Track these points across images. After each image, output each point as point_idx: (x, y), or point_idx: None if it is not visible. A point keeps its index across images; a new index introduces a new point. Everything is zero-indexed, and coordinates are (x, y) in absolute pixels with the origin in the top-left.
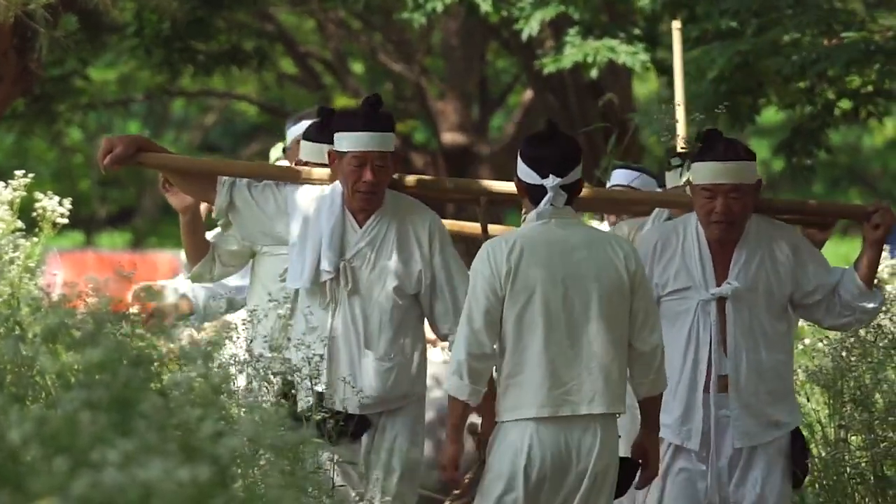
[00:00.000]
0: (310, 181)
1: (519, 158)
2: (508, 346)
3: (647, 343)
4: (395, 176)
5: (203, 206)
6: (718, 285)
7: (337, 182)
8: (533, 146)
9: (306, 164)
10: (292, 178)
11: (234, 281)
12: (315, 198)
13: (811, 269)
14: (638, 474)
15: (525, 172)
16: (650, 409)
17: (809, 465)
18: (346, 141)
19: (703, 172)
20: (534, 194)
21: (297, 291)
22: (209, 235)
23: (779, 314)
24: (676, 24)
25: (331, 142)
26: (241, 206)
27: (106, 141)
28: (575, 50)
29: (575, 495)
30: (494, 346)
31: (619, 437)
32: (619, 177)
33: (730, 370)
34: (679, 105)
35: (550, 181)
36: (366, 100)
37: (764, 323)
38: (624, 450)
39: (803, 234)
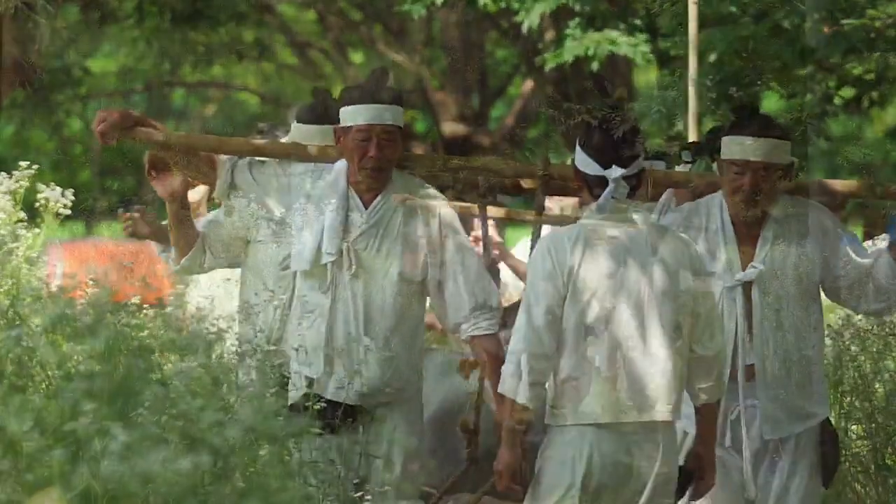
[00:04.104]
0: (312, 159)
1: (578, 147)
2: (568, 346)
3: (709, 348)
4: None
5: (199, 193)
6: (744, 270)
7: (342, 161)
8: (594, 135)
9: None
10: (294, 155)
11: None
12: (319, 177)
13: (843, 251)
14: (691, 486)
15: (584, 162)
16: (708, 417)
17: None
18: (350, 114)
19: (734, 147)
20: (594, 186)
21: (295, 276)
22: (198, 224)
23: (809, 300)
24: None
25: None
26: (244, 188)
27: (101, 111)
28: (576, 43)
29: (636, 502)
30: (555, 346)
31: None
32: None
33: (756, 359)
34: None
35: (613, 172)
36: (372, 73)
37: (793, 309)
38: None
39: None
